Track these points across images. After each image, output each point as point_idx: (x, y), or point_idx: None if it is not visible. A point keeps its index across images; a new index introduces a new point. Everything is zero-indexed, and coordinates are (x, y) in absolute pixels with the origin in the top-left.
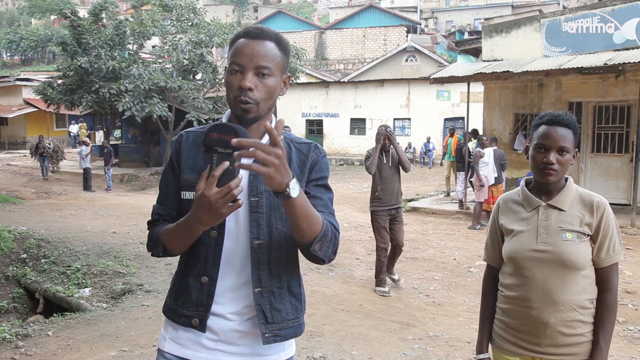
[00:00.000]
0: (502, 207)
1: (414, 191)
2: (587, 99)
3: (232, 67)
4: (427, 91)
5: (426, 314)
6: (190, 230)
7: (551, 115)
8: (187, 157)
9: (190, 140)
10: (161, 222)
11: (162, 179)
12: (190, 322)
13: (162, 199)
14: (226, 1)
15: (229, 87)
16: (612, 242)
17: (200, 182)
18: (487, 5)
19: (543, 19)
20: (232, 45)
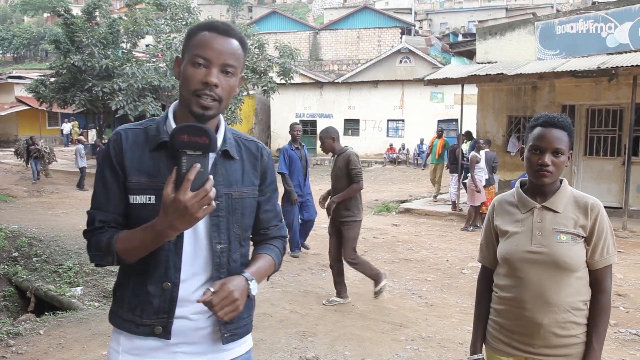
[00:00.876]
0: (497, 209)
1: (407, 192)
2: (580, 102)
3: (196, 59)
4: (421, 93)
5: (419, 315)
6: (160, 236)
7: (546, 117)
8: (132, 158)
9: (130, 139)
10: (107, 230)
11: (99, 182)
12: (152, 331)
13: (103, 205)
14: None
15: (188, 79)
16: (606, 244)
17: (167, 186)
18: (481, 8)
19: (537, 22)
20: (193, 36)
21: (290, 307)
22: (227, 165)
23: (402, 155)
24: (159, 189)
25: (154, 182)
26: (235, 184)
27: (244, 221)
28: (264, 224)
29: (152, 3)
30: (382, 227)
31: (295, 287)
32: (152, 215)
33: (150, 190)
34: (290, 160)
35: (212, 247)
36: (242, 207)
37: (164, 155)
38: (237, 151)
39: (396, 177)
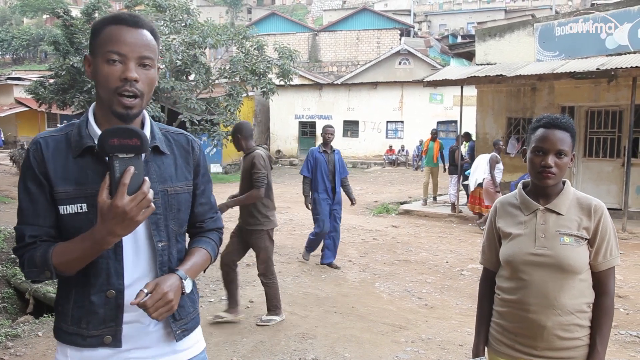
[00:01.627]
0: (499, 211)
1: (406, 194)
2: (579, 103)
3: (110, 56)
4: (420, 94)
5: (419, 317)
6: (100, 245)
7: (549, 119)
8: (55, 168)
9: (51, 147)
10: (39, 244)
11: (23, 195)
12: (102, 341)
13: (30, 219)
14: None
15: (106, 78)
16: (609, 246)
17: (101, 193)
18: (480, 10)
19: (536, 24)
20: (100, 31)
21: (290, 309)
22: (158, 161)
23: (402, 156)
24: (89, 197)
25: (82, 190)
26: (170, 179)
27: (180, 216)
28: (200, 217)
29: (152, 4)
30: (381, 228)
31: (294, 289)
32: (85, 224)
33: (80, 198)
34: (315, 163)
35: (154, 246)
36: (177, 203)
37: (90, 161)
38: (167, 146)
39: (395, 179)
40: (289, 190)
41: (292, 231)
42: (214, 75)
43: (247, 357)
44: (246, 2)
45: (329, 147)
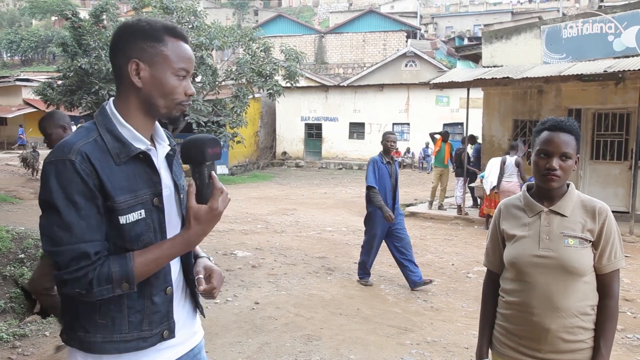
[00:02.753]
0: (503, 213)
1: (412, 196)
2: (586, 105)
3: (181, 72)
4: (427, 96)
5: (424, 319)
6: (192, 246)
7: (553, 121)
8: (109, 178)
9: (94, 157)
10: (104, 260)
11: (70, 212)
12: (161, 337)
13: (87, 235)
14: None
15: (172, 91)
16: (613, 248)
17: (191, 198)
18: (487, 12)
19: (543, 26)
20: (161, 40)
21: (295, 311)
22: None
23: (408, 159)
24: (144, 202)
25: (137, 197)
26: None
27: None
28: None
29: (159, 7)
30: None
31: (300, 291)
32: (144, 230)
33: (137, 205)
34: (379, 175)
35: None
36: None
37: (136, 167)
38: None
39: (401, 181)
40: (295, 191)
41: (298, 233)
42: (220, 77)
43: (252, 359)
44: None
45: (391, 157)
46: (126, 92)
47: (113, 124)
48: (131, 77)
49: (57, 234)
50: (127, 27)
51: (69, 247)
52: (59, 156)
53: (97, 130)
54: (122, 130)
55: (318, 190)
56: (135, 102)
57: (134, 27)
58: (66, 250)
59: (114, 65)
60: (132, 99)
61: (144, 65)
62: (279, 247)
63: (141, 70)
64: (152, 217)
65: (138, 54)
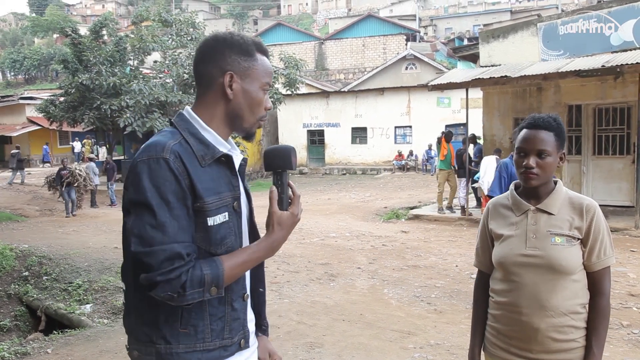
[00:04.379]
0: (491, 212)
1: (416, 199)
2: (586, 101)
3: (266, 87)
4: (428, 98)
5: (427, 322)
6: (274, 251)
7: (531, 119)
8: (199, 178)
9: (185, 157)
10: (195, 262)
11: (163, 211)
12: (239, 346)
13: (180, 235)
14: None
15: (259, 105)
16: (602, 245)
17: (273, 204)
18: (485, 12)
19: (540, 23)
20: (253, 57)
21: (298, 318)
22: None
23: (411, 161)
24: (228, 205)
25: (222, 199)
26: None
27: None
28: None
29: (158, 20)
30: (391, 234)
31: (303, 298)
32: (228, 232)
33: (222, 208)
34: (510, 180)
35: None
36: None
37: (220, 169)
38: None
39: (405, 184)
40: None
41: (302, 240)
42: None
43: None
44: (252, 14)
45: None
46: (213, 102)
47: (195, 128)
48: (225, 88)
49: (150, 233)
50: (222, 40)
51: (162, 247)
52: (152, 155)
53: (180, 134)
54: (205, 134)
55: (322, 197)
56: (221, 112)
57: (231, 41)
58: (159, 250)
59: (201, 74)
60: (218, 109)
61: (237, 78)
62: (282, 254)
63: (234, 83)
64: (233, 221)
65: (233, 66)
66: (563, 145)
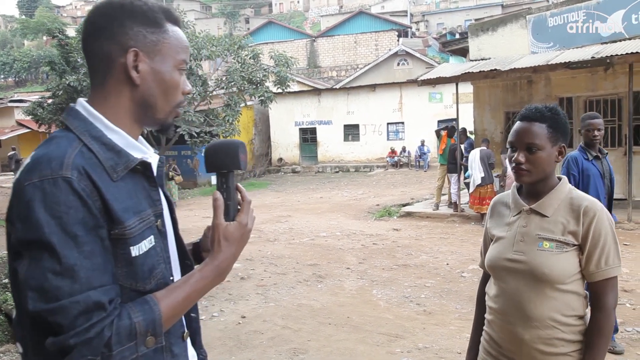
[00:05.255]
0: (491, 210)
1: (409, 195)
2: (577, 93)
3: (183, 65)
4: (419, 94)
5: (416, 324)
6: (223, 276)
7: (524, 110)
8: (116, 197)
9: (92, 172)
10: (121, 309)
11: (71, 251)
12: None
13: (97, 278)
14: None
15: (176, 89)
16: (604, 253)
17: (219, 215)
18: (477, 6)
19: (529, 15)
20: (161, 27)
21: (283, 323)
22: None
23: (404, 158)
24: (152, 226)
25: (145, 219)
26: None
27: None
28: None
29: None
30: (382, 232)
31: (289, 301)
32: (157, 261)
33: (147, 230)
34: (583, 178)
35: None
36: None
37: (135, 182)
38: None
39: (398, 181)
40: (290, 198)
41: (291, 240)
42: (211, 87)
43: None
44: (243, 13)
45: (598, 149)
46: (115, 91)
47: (98, 129)
48: (129, 71)
49: (54, 283)
50: (119, 6)
51: (73, 298)
52: (45, 174)
53: (79, 139)
54: (112, 136)
55: (314, 195)
56: (126, 103)
57: (131, 7)
58: (70, 304)
59: (95, 54)
60: (123, 99)
61: (144, 57)
62: (270, 256)
63: (140, 62)
64: (160, 245)
65: (137, 41)
66: (562, 138)
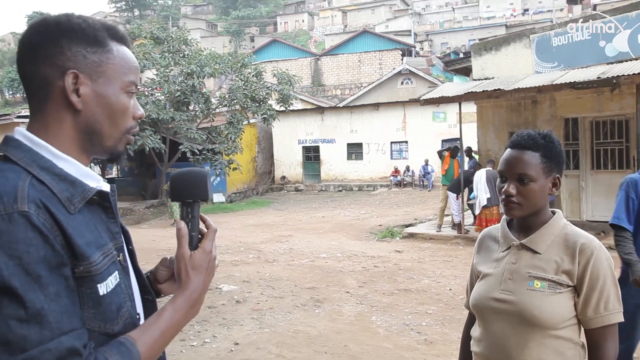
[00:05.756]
0: (479, 244)
1: (412, 215)
2: (583, 114)
3: (131, 88)
4: (423, 113)
5: (416, 355)
6: (196, 307)
7: (515, 137)
8: (77, 230)
9: (50, 205)
10: (100, 351)
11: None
12: None
13: (67, 323)
14: (223, 32)
15: (123, 114)
16: (603, 296)
17: (183, 245)
18: (481, 26)
19: (532, 35)
20: (106, 47)
21: (277, 351)
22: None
23: (408, 177)
24: (115, 261)
25: (108, 253)
26: None
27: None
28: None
29: (149, 37)
30: (384, 254)
31: (285, 327)
32: (123, 299)
33: (112, 266)
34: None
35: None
36: None
37: (92, 213)
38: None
39: (402, 201)
40: (292, 217)
41: (290, 261)
42: (213, 104)
43: None
44: (249, 31)
45: None
46: (56, 117)
47: (46, 159)
48: (68, 95)
49: (20, 332)
50: (55, 24)
51: (44, 347)
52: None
53: (26, 171)
54: (63, 165)
55: (316, 214)
56: (69, 130)
57: (68, 26)
58: (41, 353)
59: (30, 80)
60: (65, 127)
61: (85, 79)
62: (268, 278)
63: (81, 85)
64: (124, 281)
65: (77, 62)
66: (556, 168)
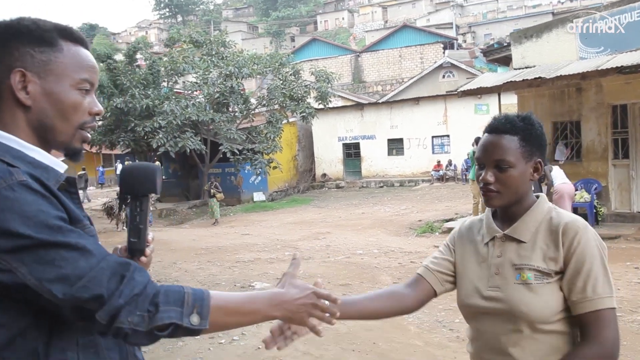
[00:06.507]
0: (461, 233)
1: (453, 210)
2: (632, 100)
3: (84, 85)
4: (465, 106)
5: (447, 353)
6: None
7: (492, 120)
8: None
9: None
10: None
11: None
12: None
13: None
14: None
15: (74, 110)
16: (590, 279)
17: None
18: (526, 15)
19: (576, 19)
20: (55, 46)
21: (304, 348)
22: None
23: (450, 171)
24: (94, 235)
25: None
26: None
27: None
28: None
29: (189, 41)
30: (422, 249)
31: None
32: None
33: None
34: None
35: None
36: None
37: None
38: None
39: (443, 195)
40: (332, 214)
41: (326, 258)
42: (253, 104)
43: None
44: (289, 32)
45: None
46: (10, 114)
47: (16, 149)
48: (16, 93)
49: (70, 266)
50: (4, 28)
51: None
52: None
53: (1, 160)
54: (33, 154)
55: (356, 211)
56: (24, 127)
57: (17, 28)
58: (97, 272)
59: None
60: (19, 122)
61: (33, 77)
62: (302, 275)
63: (29, 83)
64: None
65: (23, 61)
66: (537, 152)
